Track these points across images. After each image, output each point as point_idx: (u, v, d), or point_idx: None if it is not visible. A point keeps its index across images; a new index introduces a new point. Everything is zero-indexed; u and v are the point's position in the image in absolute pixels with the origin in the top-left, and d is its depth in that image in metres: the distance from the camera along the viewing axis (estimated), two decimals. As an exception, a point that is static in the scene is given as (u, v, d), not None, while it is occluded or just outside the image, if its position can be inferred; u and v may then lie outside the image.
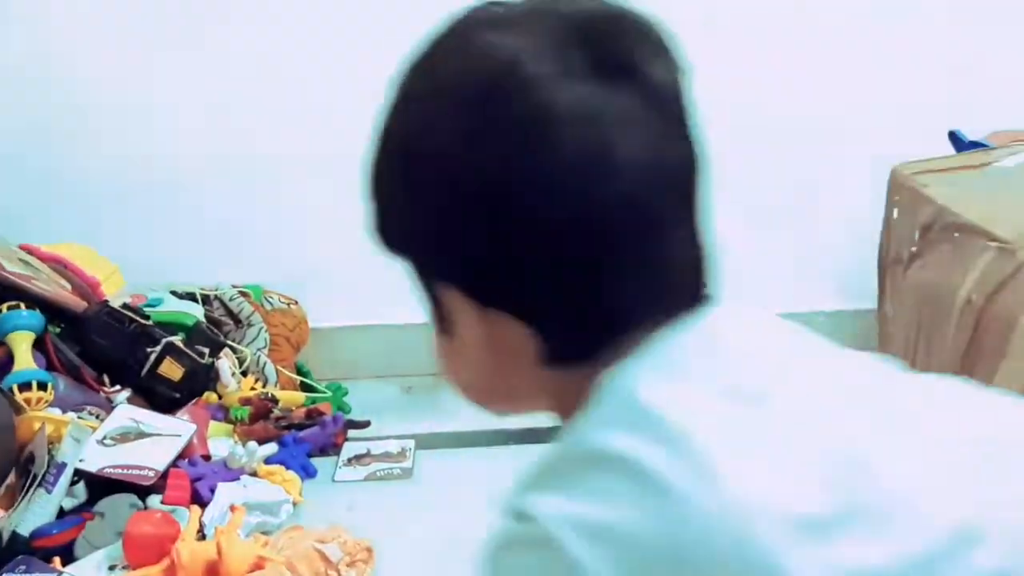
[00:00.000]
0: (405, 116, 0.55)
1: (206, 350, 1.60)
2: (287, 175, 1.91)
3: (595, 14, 0.52)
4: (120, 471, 1.35)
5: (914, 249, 0.99)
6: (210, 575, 1.16)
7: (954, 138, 1.70)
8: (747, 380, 0.51)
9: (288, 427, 1.57)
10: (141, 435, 1.43)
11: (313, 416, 1.63)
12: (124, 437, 1.42)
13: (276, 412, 1.59)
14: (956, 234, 0.93)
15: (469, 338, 0.55)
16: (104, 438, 1.41)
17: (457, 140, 0.51)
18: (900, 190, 1.06)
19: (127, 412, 1.46)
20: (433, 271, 0.55)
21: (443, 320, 0.56)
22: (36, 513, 1.29)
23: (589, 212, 0.50)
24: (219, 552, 1.16)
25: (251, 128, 1.90)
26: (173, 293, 1.79)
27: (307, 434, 1.57)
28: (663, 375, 0.50)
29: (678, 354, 0.51)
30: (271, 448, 1.50)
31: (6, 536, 1.26)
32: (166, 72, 1.88)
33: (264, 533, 1.29)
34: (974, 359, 0.84)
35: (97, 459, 1.37)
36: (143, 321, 1.57)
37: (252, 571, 1.17)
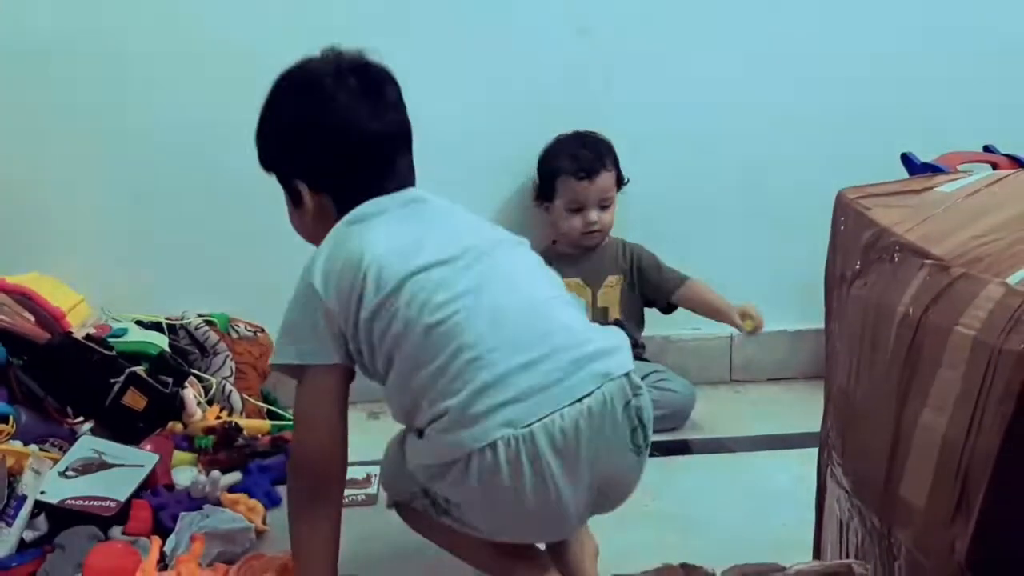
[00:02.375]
0: (277, 101, 1.22)
1: (170, 380, 1.60)
2: (253, 203, 1.92)
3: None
4: (81, 502, 1.35)
5: (857, 268, 1.01)
6: (169, 605, 1.16)
7: (907, 160, 1.74)
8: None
9: (253, 455, 1.57)
10: (103, 466, 1.42)
11: (278, 444, 1.63)
12: (86, 468, 1.41)
13: (241, 440, 1.59)
14: (896, 254, 0.95)
15: (308, 203, 1.19)
16: (66, 470, 1.40)
17: (300, 110, 1.19)
18: (845, 213, 1.08)
19: (89, 443, 1.46)
20: (292, 175, 1.20)
21: (297, 201, 1.21)
22: (-4, 547, 1.28)
23: (360, 142, 1.17)
24: (178, 582, 1.16)
25: (216, 155, 1.91)
26: (138, 323, 1.80)
27: (272, 462, 1.56)
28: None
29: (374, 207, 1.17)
30: (235, 476, 1.50)
31: (-35, 570, 1.25)
32: (128, 100, 1.90)
33: (226, 562, 1.28)
34: (913, 369, 0.86)
35: (58, 491, 1.36)
36: (106, 352, 1.57)
37: (211, 601, 1.16)
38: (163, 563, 1.27)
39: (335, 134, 1.17)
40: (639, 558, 1.29)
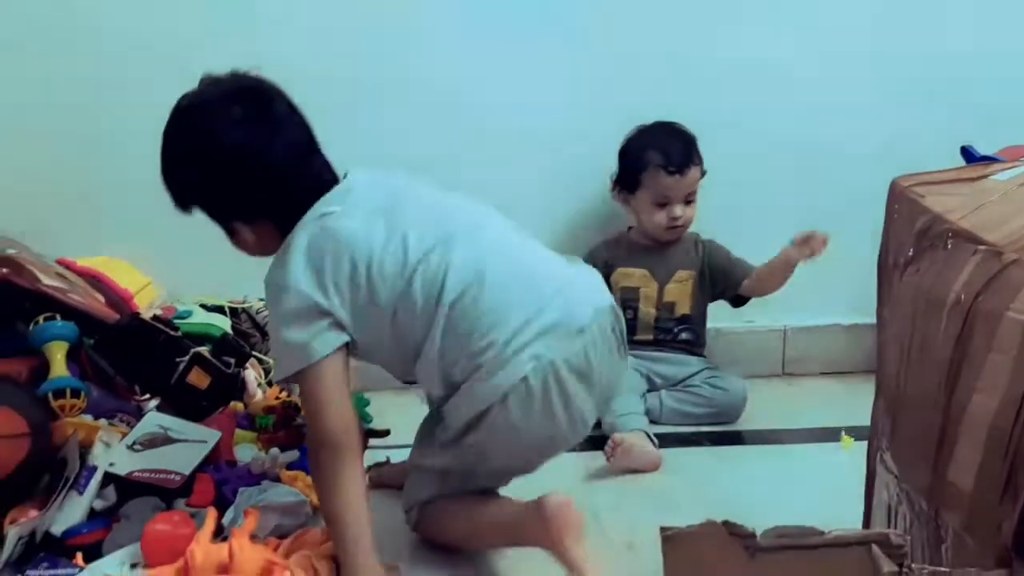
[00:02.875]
0: (175, 151, 1.31)
1: (232, 360, 1.65)
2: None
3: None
4: (148, 475, 1.41)
5: (910, 254, 1.01)
6: (222, 576, 1.19)
7: (966, 153, 1.72)
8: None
9: (310, 435, 1.62)
10: (169, 441, 1.48)
11: (335, 425, 1.67)
12: (152, 442, 1.47)
13: (299, 420, 1.63)
14: (949, 240, 0.95)
15: (247, 236, 1.30)
16: (134, 443, 1.46)
17: (202, 158, 1.27)
18: (899, 200, 1.08)
19: (156, 419, 1.52)
20: (223, 217, 1.31)
21: (234, 233, 1.31)
22: (68, 514, 1.35)
23: (274, 175, 1.26)
24: (230, 555, 1.19)
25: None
26: (202, 306, 1.85)
27: (328, 442, 1.60)
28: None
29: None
30: (293, 454, 1.54)
31: (40, 535, 1.32)
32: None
33: (282, 536, 1.32)
34: (963, 354, 0.87)
35: (127, 463, 1.42)
36: (172, 332, 1.62)
37: (261, 575, 1.20)
38: (223, 536, 1.31)
39: (246, 171, 1.25)
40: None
